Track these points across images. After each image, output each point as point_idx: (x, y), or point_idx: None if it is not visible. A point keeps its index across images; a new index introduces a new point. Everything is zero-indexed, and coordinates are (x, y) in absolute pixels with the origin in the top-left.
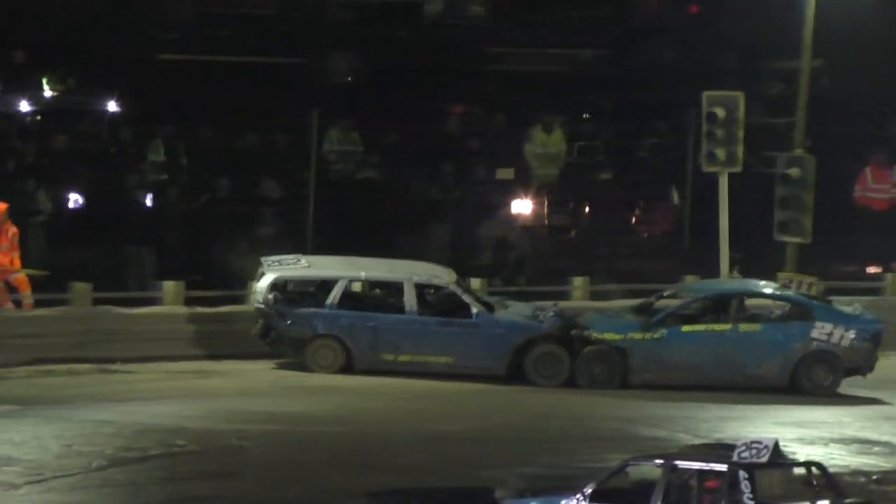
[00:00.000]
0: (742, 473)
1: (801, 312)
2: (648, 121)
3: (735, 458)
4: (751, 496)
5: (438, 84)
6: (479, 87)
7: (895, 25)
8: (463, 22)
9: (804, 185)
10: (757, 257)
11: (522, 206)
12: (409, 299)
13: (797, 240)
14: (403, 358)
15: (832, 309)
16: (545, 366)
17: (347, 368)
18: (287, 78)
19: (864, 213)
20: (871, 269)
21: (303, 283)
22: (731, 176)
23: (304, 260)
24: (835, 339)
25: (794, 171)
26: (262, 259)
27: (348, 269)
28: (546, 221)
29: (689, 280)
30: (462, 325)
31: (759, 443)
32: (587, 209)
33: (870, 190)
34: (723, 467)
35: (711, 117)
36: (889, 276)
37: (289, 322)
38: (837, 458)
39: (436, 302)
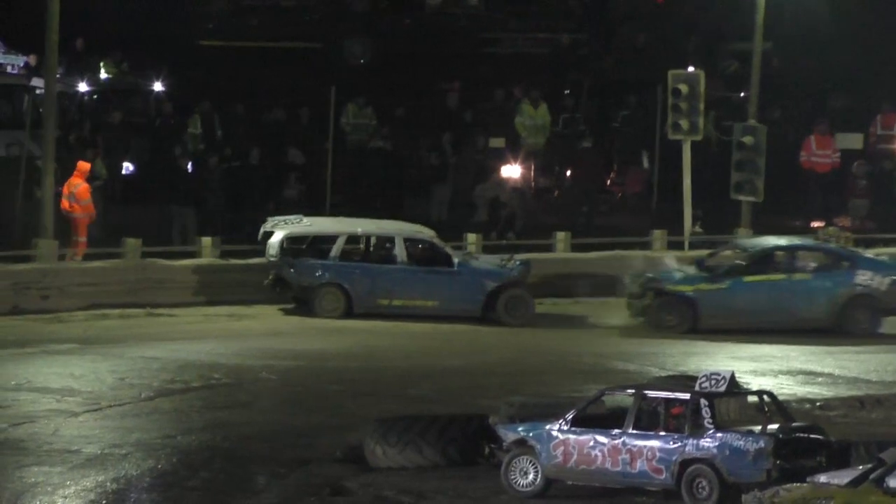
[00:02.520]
0: (703, 401)
1: (844, 262)
2: (622, 96)
3: (697, 388)
4: (710, 420)
5: (439, 65)
6: (475, 67)
7: (837, 10)
8: (460, 11)
9: (757, 151)
10: (716, 213)
11: (512, 171)
12: (400, 251)
13: (751, 198)
14: (396, 302)
15: (870, 258)
16: (514, 307)
17: (348, 313)
18: (309, 61)
19: (809, 176)
20: (815, 224)
21: (305, 238)
22: (694, 143)
23: (306, 219)
24: (875, 284)
25: (747, 139)
26: (268, 219)
27: (345, 226)
28: (533, 184)
29: (742, 233)
30: (445, 273)
31: (718, 374)
32: (569, 173)
33: (814, 155)
34: (686, 396)
35: (676, 93)
36: (830, 228)
37: (298, 273)
38: (786, 388)
39: (421, 254)
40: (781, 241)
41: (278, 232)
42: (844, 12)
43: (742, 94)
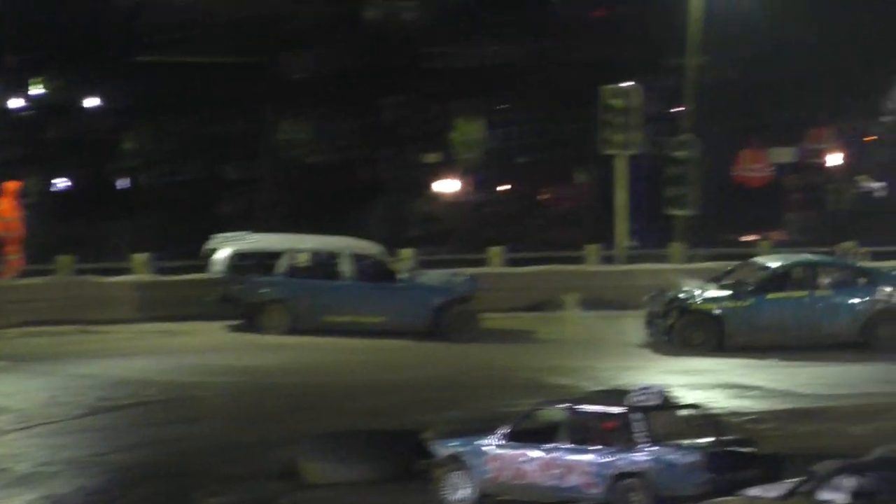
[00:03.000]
0: (636, 415)
1: (863, 278)
2: (558, 110)
3: (630, 402)
4: (643, 434)
5: (376, 81)
6: (411, 82)
7: (772, 30)
8: (398, 27)
9: (691, 165)
10: (650, 228)
11: (447, 186)
12: (346, 267)
13: (684, 212)
14: (342, 319)
15: (887, 274)
16: (460, 323)
17: (294, 329)
18: (246, 76)
19: (742, 189)
20: (748, 237)
21: (250, 255)
22: (631, 157)
23: (251, 236)
24: (894, 299)
25: (681, 154)
26: (212, 237)
27: (292, 243)
28: (468, 198)
29: (764, 247)
30: (391, 289)
31: (650, 389)
32: (504, 188)
33: (747, 169)
34: (619, 410)
35: (610, 108)
36: (763, 242)
37: (244, 289)
38: (718, 402)
39: (367, 269)
40: (801, 258)
41: (223, 249)
42: (780, 31)
43: (678, 110)
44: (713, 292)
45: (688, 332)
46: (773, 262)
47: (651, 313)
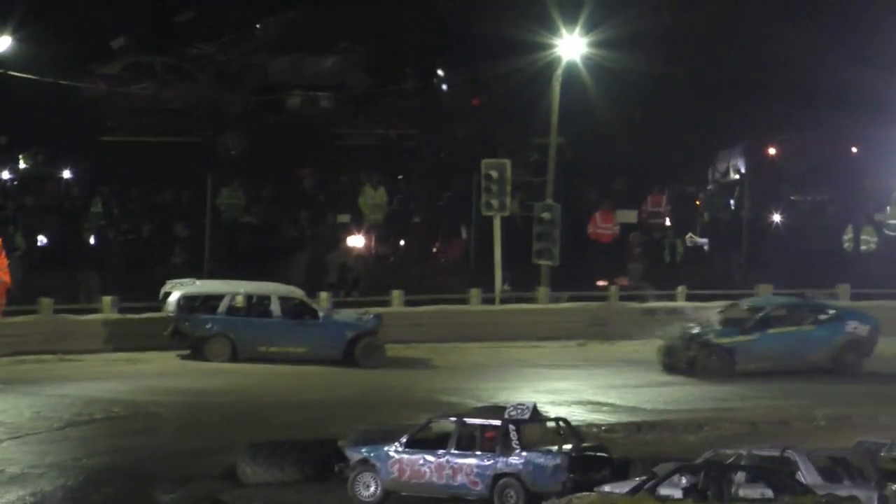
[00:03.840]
0: (511, 426)
1: (833, 313)
2: (445, 180)
3: (506, 415)
4: (517, 442)
5: (297, 155)
6: (326, 156)
7: (618, 112)
8: (314, 111)
9: (553, 224)
10: (521, 275)
11: (357, 241)
12: (276, 307)
13: (548, 263)
14: (273, 349)
15: (851, 311)
16: (369, 352)
17: (234, 358)
18: (191, 152)
19: (594, 245)
20: (600, 283)
21: (197, 297)
22: (505, 217)
23: (198, 282)
24: (859, 331)
25: (545, 215)
26: (167, 281)
27: (231, 287)
28: (374, 251)
29: (762, 291)
30: (312, 325)
31: (523, 405)
32: (402, 242)
33: (599, 227)
34: (497, 422)
35: (488, 177)
36: (612, 287)
37: (192, 325)
38: (578, 415)
39: (293, 309)
40: (783, 299)
41: (175, 292)
42: (624, 114)
43: (542, 179)
44: (722, 328)
45: (707, 362)
46: (763, 303)
47: (671, 347)
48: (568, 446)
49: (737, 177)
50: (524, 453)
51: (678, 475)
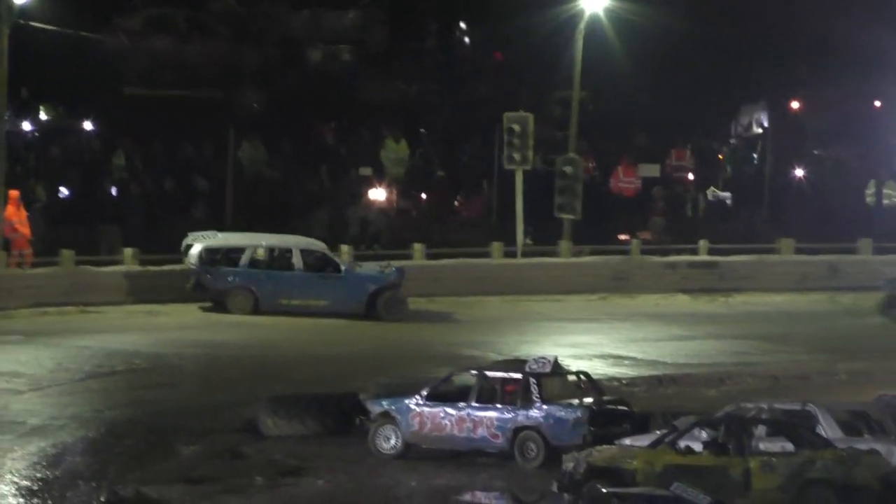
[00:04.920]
0: (532, 380)
1: None
2: (467, 134)
3: (527, 369)
4: (538, 396)
5: (319, 109)
6: (348, 111)
7: (640, 67)
8: (336, 66)
9: (575, 178)
10: (544, 229)
11: (378, 195)
12: (297, 260)
13: (570, 217)
14: (295, 302)
15: None
16: (391, 306)
17: (256, 310)
18: (212, 107)
19: (617, 199)
20: (622, 237)
21: (219, 250)
22: (526, 171)
23: (220, 235)
24: None
25: (568, 169)
26: (189, 234)
27: (253, 240)
28: (395, 205)
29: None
30: (334, 278)
31: (544, 358)
32: (424, 196)
33: (621, 182)
34: (518, 376)
35: (510, 131)
36: (634, 241)
37: (214, 278)
38: (598, 369)
39: (315, 262)
40: None
41: (197, 245)
42: (647, 69)
43: (565, 133)
44: None
45: None
46: None
47: (890, 297)
48: (588, 400)
49: (760, 132)
50: (545, 407)
51: (698, 429)
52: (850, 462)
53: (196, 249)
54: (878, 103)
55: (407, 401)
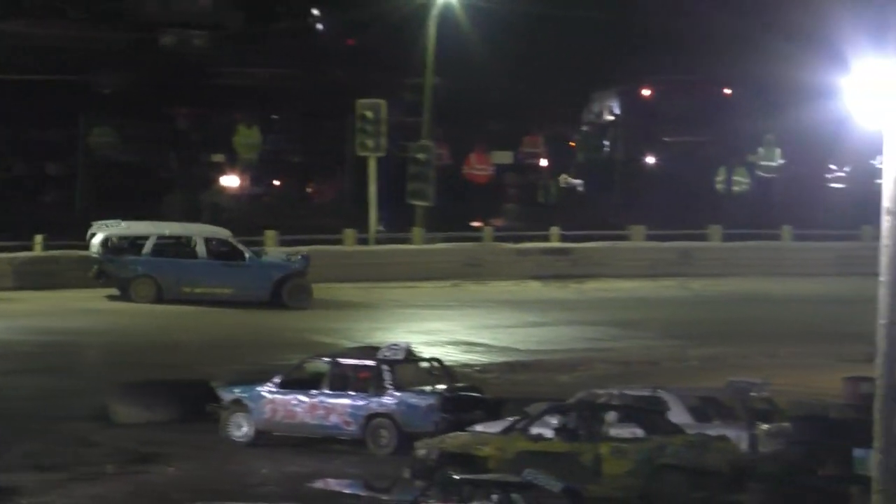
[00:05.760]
0: (385, 367)
1: None
2: (320, 120)
3: (380, 356)
4: (391, 383)
5: (171, 94)
6: (200, 96)
7: (495, 53)
8: (189, 50)
9: (428, 164)
10: (396, 216)
11: (230, 181)
12: (201, 248)
13: (423, 203)
14: (198, 290)
15: None
16: (296, 294)
17: (159, 299)
18: (63, 91)
19: (470, 185)
20: (475, 223)
21: (124, 238)
22: (379, 158)
23: (124, 223)
24: None
25: (421, 155)
26: (93, 223)
27: (156, 229)
28: (247, 191)
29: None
30: (238, 266)
31: (397, 345)
32: (277, 182)
33: (474, 168)
34: (371, 363)
35: (363, 118)
36: (487, 228)
37: (117, 267)
38: (451, 356)
39: (218, 250)
40: None
41: (100, 233)
42: (500, 55)
43: (417, 119)
44: None
45: None
46: None
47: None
48: (441, 386)
49: (611, 118)
50: (397, 393)
51: (550, 415)
52: (700, 447)
53: (98, 238)
54: (727, 91)
55: (259, 388)
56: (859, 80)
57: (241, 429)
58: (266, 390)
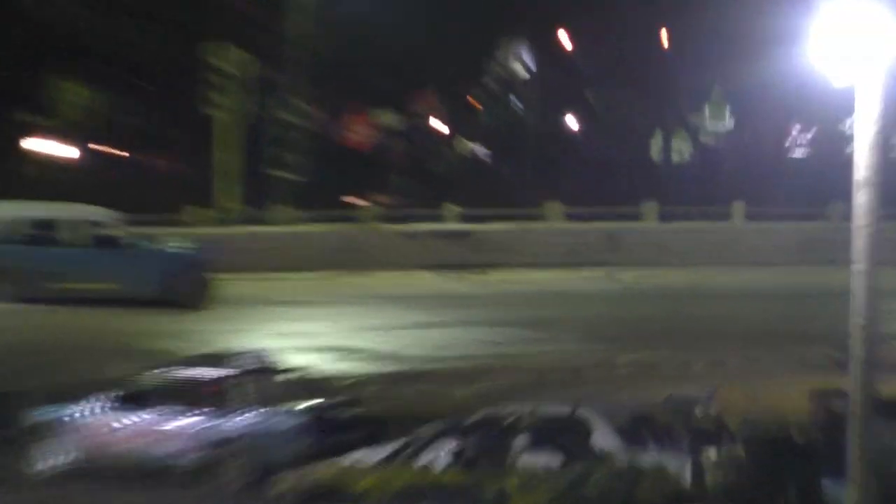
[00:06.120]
0: (236, 380)
1: None
2: (160, 72)
3: (231, 365)
4: (244, 399)
5: None
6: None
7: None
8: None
9: (296, 128)
10: (256, 191)
11: (45, 145)
12: (68, 233)
13: (289, 176)
14: (69, 286)
15: None
16: (193, 289)
17: (17, 298)
18: None
19: (347, 153)
20: (353, 200)
21: None
22: (237, 120)
23: None
24: None
25: (287, 116)
26: None
27: (11, 210)
28: (68, 159)
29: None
30: (119, 255)
31: (252, 352)
32: (108, 149)
33: (352, 132)
34: (219, 374)
35: (212, 68)
36: (367, 205)
37: None
38: (322, 365)
39: (92, 236)
40: None
41: None
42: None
43: (284, 77)
44: None
45: None
46: None
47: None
48: (309, 403)
49: (521, 71)
50: (252, 413)
51: (444, 438)
52: (631, 478)
53: None
54: (666, 37)
55: (77, 408)
56: (827, 23)
57: (52, 458)
58: (86, 411)
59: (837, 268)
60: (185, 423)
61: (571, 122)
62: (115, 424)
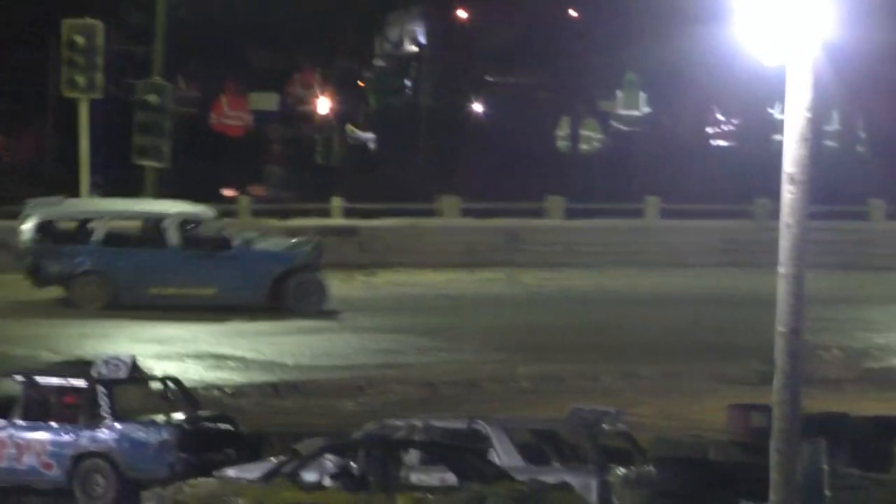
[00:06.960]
0: (100, 388)
1: None
2: (12, 48)
3: (93, 374)
4: (108, 410)
5: None
6: None
7: None
8: None
9: (162, 111)
10: (118, 180)
11: None
12: (173, 233)
13: (155, 164)
14: (170, 291)
15: None
16: (304, 294)
17: (115, 303)
18: None
19: (220, 139)
20: (227, 192)
21: (70, 221)
22: (94, 102)
23: (67, 201)
24: None
25: (152, 98)
26: (28, 201)
27: (111, 207)
28: None
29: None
30: (223, 258)
31: (117, 359)
32: None
33: (226, 117)
34: (81, 383)
35: (72, 45)
36: (243, 198)
37: (53, 259)
38: (193, 373)
39: (197, 236)
40: None
41: (34, 216)
42: None
43: (146, 48)
44: None
45: None
46: None
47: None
48: (179, 416)
49: (414, 50)
50: (118, 425)
51: (328, 455)
52: (533, 499)
53: (30, 223)
54: (574, 13)
55: None
56: None
57: None
58: None
59: (762, 271)
60: (47, 435)
61: (471, 108)
62: None
